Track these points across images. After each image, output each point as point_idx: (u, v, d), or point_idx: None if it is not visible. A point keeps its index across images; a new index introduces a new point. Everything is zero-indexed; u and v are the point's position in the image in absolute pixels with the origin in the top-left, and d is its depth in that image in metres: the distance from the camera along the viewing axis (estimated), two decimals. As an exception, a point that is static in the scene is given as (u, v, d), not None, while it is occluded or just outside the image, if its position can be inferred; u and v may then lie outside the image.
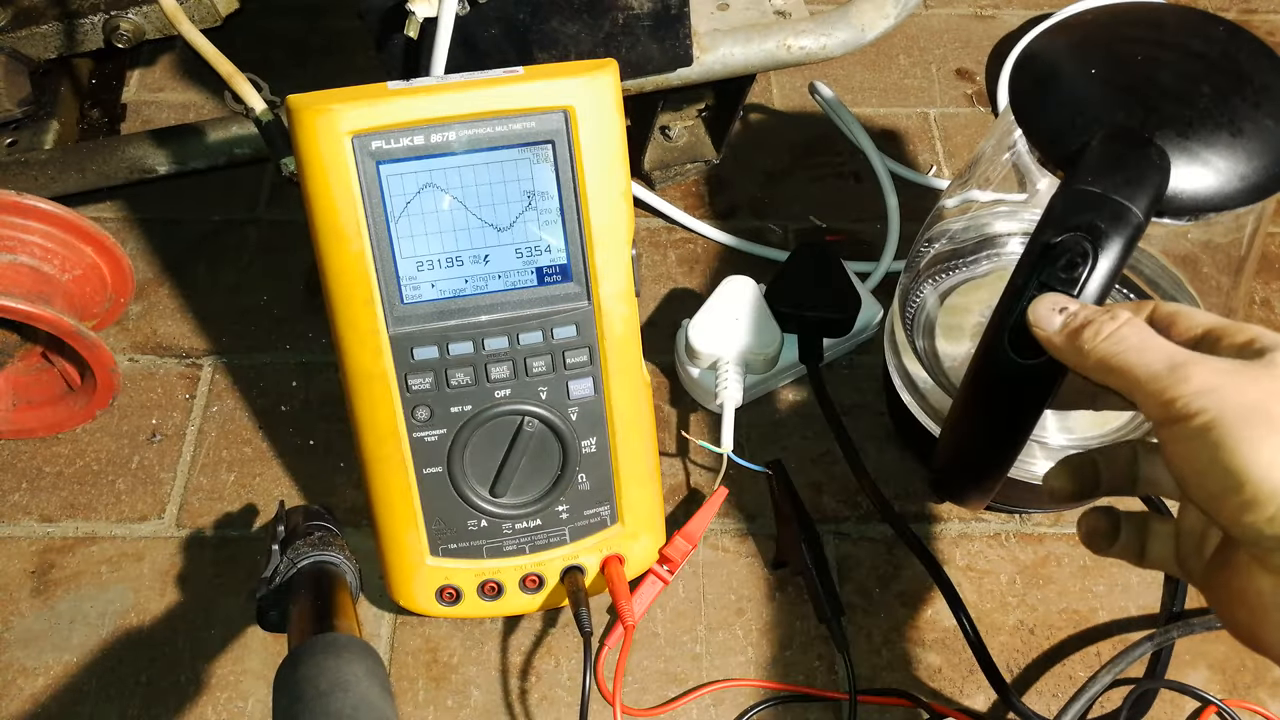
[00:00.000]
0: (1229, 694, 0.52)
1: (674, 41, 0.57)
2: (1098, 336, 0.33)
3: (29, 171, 0.63)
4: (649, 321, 0.66)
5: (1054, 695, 0.52)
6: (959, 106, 0.79)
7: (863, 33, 0.61)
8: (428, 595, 0.50)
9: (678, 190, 0.73)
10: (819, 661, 0.53)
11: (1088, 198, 0.37)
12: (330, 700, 0.37)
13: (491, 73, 0.44)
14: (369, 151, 0.42)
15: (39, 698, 0.51)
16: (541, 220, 0.45)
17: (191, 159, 0.64)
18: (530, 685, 0.52)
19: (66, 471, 0.59)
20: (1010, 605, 0.55)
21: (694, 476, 0.59)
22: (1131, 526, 0.37)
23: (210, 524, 0.57)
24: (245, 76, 0.51)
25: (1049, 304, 0.35)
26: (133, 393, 0.62)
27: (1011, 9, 0.86)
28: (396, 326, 0.45)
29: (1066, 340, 0.34)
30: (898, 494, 0.58)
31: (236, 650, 0.53)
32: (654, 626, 0.54)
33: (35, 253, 0.57)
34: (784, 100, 0.79)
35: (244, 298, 0.67)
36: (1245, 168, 0.39)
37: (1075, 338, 0.34)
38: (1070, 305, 0.35)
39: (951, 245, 0.57)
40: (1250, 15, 0.87)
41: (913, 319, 0.56)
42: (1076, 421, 0.53)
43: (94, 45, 0.65)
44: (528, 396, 0.47)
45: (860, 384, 0.63)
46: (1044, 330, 0.35)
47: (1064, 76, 0.42)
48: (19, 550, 0.56)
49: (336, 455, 0.60)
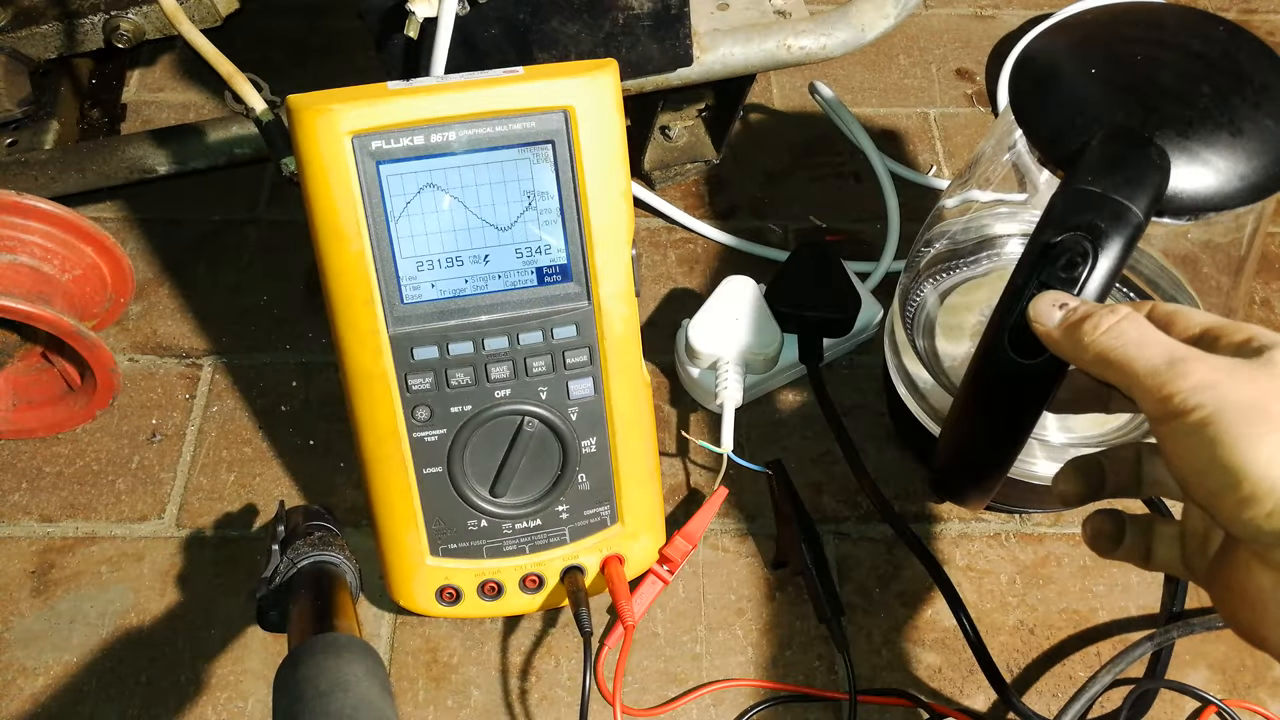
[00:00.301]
0: (1229, 694, 0.52)
1: (674, 41, 0.57)
2: (1096, 330, 0.33)
3: (29, 171, 0.63)
4: (649, 321, 0.66)
5: (1054, 695, 0.52)
6: (959, 106, 0.79)
7: (863, 33, 0.61)
8: (428, 595, 0.50)
9: (678, 190, 0.73)
10: (819, 661, 0.53)
11: (1088, 197, 0.37)
12: (330, 700, 0.37)
13: (491, 73, 0.44)
14: (369, 151, 0.42)
15: (39, 698, 0.51)
16: (541, 220, 0.45)
17: (191, 159, 0.64)
18: (530, 685, 0.52)
19: (66, 471, 0.59)
20: (1010, 605, 0.55)
21: (694, 476, 0.59)
22: (1136, 529, 0.37)
23: (210, 524, 0.57)
24: (245, 76, 0.51)
25: (1049, 300, 0.36)
26: (133, 393, 0.62)
27: (1011, 9, 0.86)
28: (396, 326, 0.45)
29: (1065, 334, 0.34)
30: (898, 494, 0.58)
31: (236, 650, 0.53)
32: (654, 626, 0.54)
33: (35, 253, 0.57)
34: (784, 100, 0.79)
35: (244, 298, 0.67)
36: (1245, 168, 0.39)
37: (1074, 332, 0.34)
38: (1070, 301, 0.35)
39: (951, 245, 0.57)
40: (1250, 15, 0.87)
41: (913, 319, 0.56)
42: (1077, 421, 0.53)
43: (94, 45, 0.65)
44: (528, 396, 0.47)
45: (860, 384, 0.63)
46: (1043, 325, 0.35)
47: (1064, 76, 0.42)
48: (19, 550, 0.56)
49: (336, 455, 0.60)
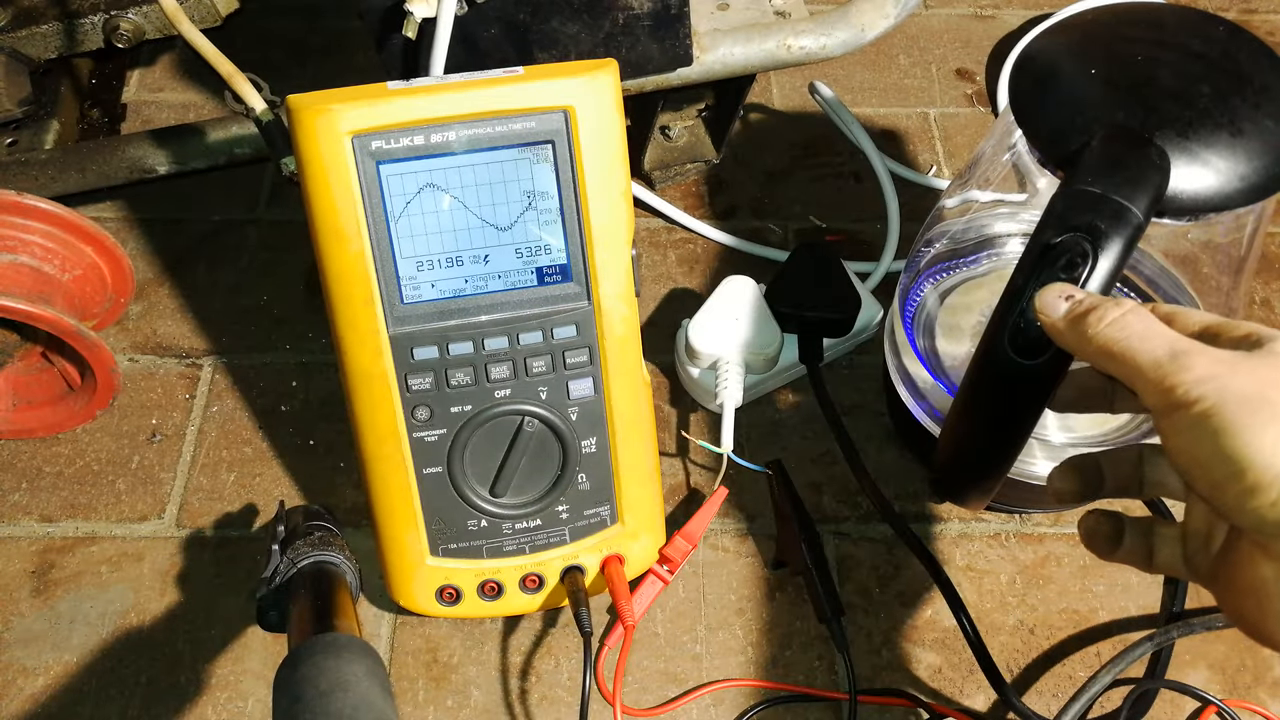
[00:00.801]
0: (1229, 694, 0.52)
1: (674, 41, 0.57)
2: (1101, 322, 0.33)
3: (29, 171, 0.63)
4: (649, 321, 0.66)
5: (1054, 695, 0.52)
6: (959, 106, 0.79)
7: (863, 33, 0.61)
8: (428, 595, 0.50)
9: (678, 190, 0.73)
10: (819, 661, 0.53)
11: (1088, 198, 0.37)
12: (330, 700, 0.37)
13: (491, 73, 0.44)
14: (369, 151, 0.42)
15: (39, 698, 0.51)
16: (541, 220, 0.45)
17: (191, 159, 0.64)
18: (530, 685, 0.52)
19: (66, 471, 0.59)
20: (1010, 605, 0.55)
21: (694, 476, 0.59)
22: (1137, 531, 0.37)
23: (210, 524, 0.57)
24: (245, 76, 0.51)
25: (1055, 291, 0.36)
26: (133, 393, 0.62)
27: (1011, 9, 0.86)
28: (396, 326, 0.45)
29: (1070, 326, 0.34)
30: (898, 494, 0.58)
31: (236, 650, 0.53)
32: (654, 626, 0.54)
33: (35, 253, 0.57)
34: (784, 100, 0.79)
35: (244, 298, 0.67)
36: (1245, 168, 0.39)
37: (1079, 324, 0.34)
38: (1076, 293, 0.35)
39: (951, 245, 0.57)
40: (1250, 15, 0.87)
41: (913, 319, 0.56)
42: (1077, 421, 0.53)
43: (94, 45, 0.65)
44: (528, 396, 0.47)
45: (860, 384, 0.63)
46: (1049, 316, 0.35)
47: (1064, 76, 0.42)
48: (19, 550, 0.56)
49: (336, 455, 0.60)
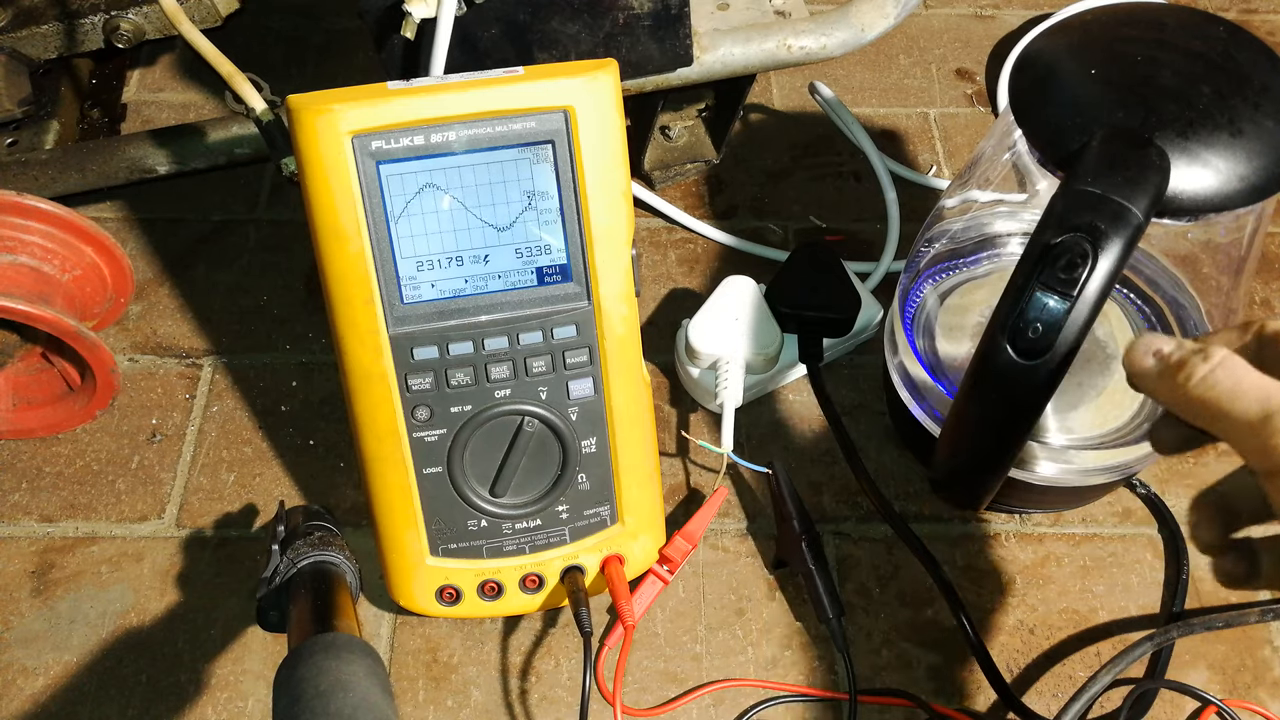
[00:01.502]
0: (1229, 694, 0.52)
1: (674, 41, 0.57)
2: (1189, 380, 0.32)
3: (29, 171, 0.63)
4: (649, 321, 0.66)
5: (1054, 695, 0.52)
6: (959, 106, 0.79)
7: (863, 33, 0.61)
8: (428, 595, 0.50)
9: (678, 190, 0.73)
10: (819, 661, 0.53)
11: (1088, 198, 0.37)
12: (330, 700, 0.37)
13: (491, 73, 0.44)
14: (369, 151, 0.42)
15: (39, 698, 0.51)
16: (541, 220, 0.45)
17: (191, 159, 0.64)
18: (530, 685, 0.52)
19: (66, 471, 0.59)
20: (1010, 605, 0.55)
21: (694, 476, 0.59)
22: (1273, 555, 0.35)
23: (210, 524, 0.57)
24: (245, 76, 0.51)
25: (1144, 346, 0.34)
26: (133, 393, 0.62)
27: (1011, 9, 0.86)
28: (396, 326, 0.45)
29: (1159, 382, 0.33)
30: (898, 494, 0.59)
31: (236, 650, 0.53)
32: (654, 626, 0.54)
33: (35, 253, 0.57)
34: (784, 100, 0.79)
35: (244, 298, 0.67)
36: (1245, 168, 0.39)
37: (1168, 380, 0.33)
38: (1164, 346, 0.33)
39: (951, 245, 0.57)
40: (1250, 15, 0.87)
41: (912, 319, 0.56)
42: (1077, 422, 0.53)
43: (94, 45, 0.65)
44: (528, 396, 0.47)
45: (860, 384, 0.63)
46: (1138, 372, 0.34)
47: (1064, 76, 0.42)
48: (19, 550, 0.56)
49: (336, 455, 0.60)
